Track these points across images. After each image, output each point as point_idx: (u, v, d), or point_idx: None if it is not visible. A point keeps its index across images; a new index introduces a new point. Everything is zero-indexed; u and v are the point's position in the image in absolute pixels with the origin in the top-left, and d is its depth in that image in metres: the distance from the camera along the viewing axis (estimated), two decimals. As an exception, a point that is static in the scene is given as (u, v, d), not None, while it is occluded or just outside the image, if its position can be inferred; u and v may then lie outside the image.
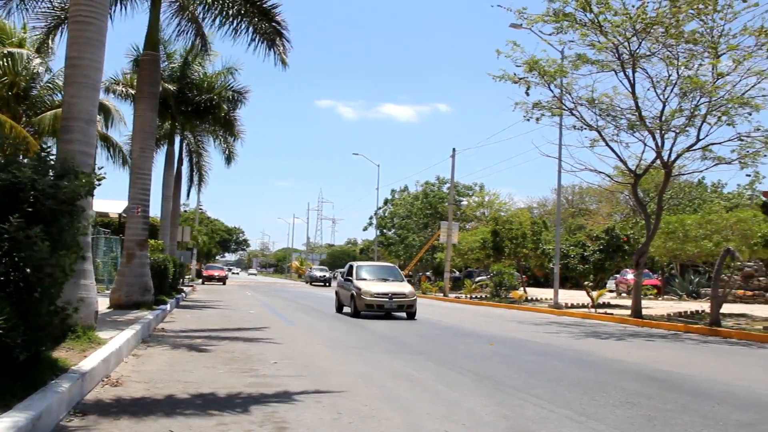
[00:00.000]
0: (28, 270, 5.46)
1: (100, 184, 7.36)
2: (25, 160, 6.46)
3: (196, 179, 36.92)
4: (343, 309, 20.79)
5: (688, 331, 17.21)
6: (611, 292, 37.60)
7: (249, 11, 18.63)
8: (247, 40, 18.91)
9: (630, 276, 34.56)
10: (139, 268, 16.64)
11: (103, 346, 8.34)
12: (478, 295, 35.30)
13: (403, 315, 19.22)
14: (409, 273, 52.03)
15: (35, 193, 5.84)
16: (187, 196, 39.47)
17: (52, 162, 6.49)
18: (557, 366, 10.13)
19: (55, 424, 5.33)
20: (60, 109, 12.54)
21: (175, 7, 20.58)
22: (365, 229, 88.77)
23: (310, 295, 35.37)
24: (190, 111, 28.19)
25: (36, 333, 5.64)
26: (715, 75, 18.02)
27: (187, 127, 32.09)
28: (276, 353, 10.42)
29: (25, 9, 17.75)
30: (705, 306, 22.31)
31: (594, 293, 25.41)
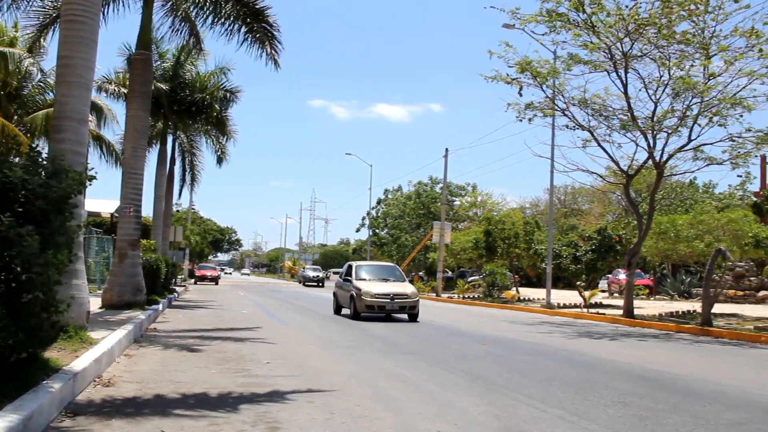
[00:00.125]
0: (19, 270, 5.43)
1: (91, 184, 7.34)
2: (16, 159, 6.42)
3: (188, 179, 36.83)
4: (342, 310, 20.14)
5: (680, 331, 17.28)
6: (603, 292, 37.72)
7: (241, 12, 18.61)
8: (240, 40, 18.95)
9: (622, 276, 34.70)
10: (131, 268, 16.60)
11: (95, 347, 8.31)
12: (471, 295, 35.33)
13: (405, 317, 18.56)
14: (402, 273, 51.91)
15: (26, 192, 5.82)
16: (179, 195, 39.39)
17: (44, 162, 6.46)
18: (550, 366, 10.15)
19: (47, 424, 5.31)
20: (52, 108, 12.49)
21: (168, 6, 20.53)
22: (358, 230, 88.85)
23: (303, 296, 35.34)
24: (182, 110, 28.10)
25: (28, 334, 5.62)
26: (707, 75, 18.09)
27: (180, 127, 31.99)
28: (268, 353, 10.41)
29: (17, 8, 17.68)
30: (696, 306, 22.41)
31: (586, 293, 25.49)
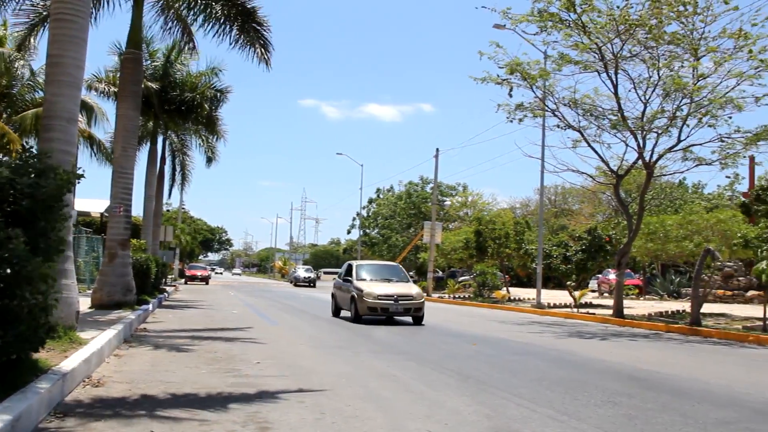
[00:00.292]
0: (8, 271, 5.40)
1: (80, 182, 7.31)
2: (5, 158, 6.39)
3: (179, 178, 36.73)
4: (341, 313, 19.16)
5: (669, 330, 17.36)
6: (593, 292, 37.85)
7: (232, 11, 18.56)
8: (231, 40, 18.88)
9: (612, 276, 34.83)
10: (121, 268, 16.54)
11: (84, 347, 8.28)
12: (461, 295, 35.38)
13: (409, 320, 17.50)
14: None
15: (14, 192, 5.79)
16: (169, 195, 39.27)
17: (36, 163, 6.42)
18: (540, 365, 10.19)
19: (35, 425, 5.29)
20: (41, 107, 12.43)
21: (159, 5, 20.44)
22: (349, 232, 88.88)
23: (294, 296, 35.31)
24: (172, 110, 27.99)
25: (16, 336, 5.58)
26: (697, 76, 18.19)
27: (170, 126, 31.88)
28: (259, 353, 10.40)
29: (5, 7, 17.55)
30: (686, 306, 22.51)
31: (576, 293, 25.57)
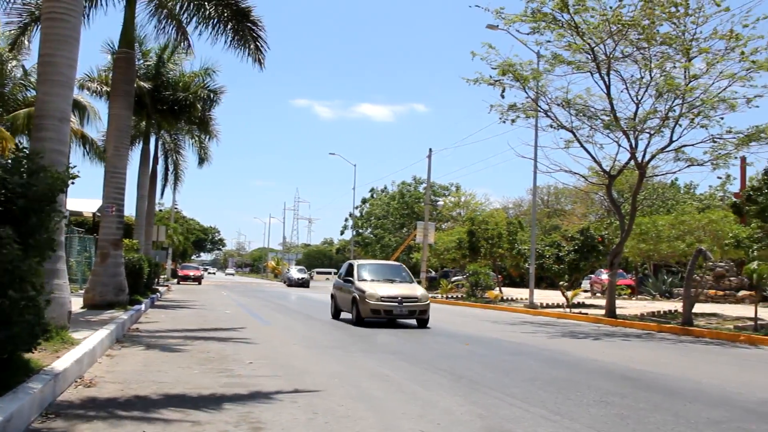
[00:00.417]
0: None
1: (74, 183, 7.28)
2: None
3: (171, 178, 36.66)
4: (341, 314, 18.42)
5: (661, 330, 17.42)
6: (586, 292, 37.96)
7: (225, 11, 18.52)
8: (224, 40, 18.84)
9: (604, 276, 34.91)
10: (113, 268, 16.49)
11: (76, 347, 8.25)
12: (454, 295, 35.42)
13: (413, 322, 16.81)
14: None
15: (5, 191, 5.76)
16: (162, 195, 39.18)
17: (29, 162, 6.39)
18: (532, 365, 10.21)
19: (27, 425, 5.27)
20: (34, 106, 12.38)
21: (152, 5, 20.36)
22: (342, 232, 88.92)
23: (286, 296, 35.28)
24: (165, 110, 27.93)
25: (9, 335, 5.56)
26: (689, 77, 18.27)
27: (163, 126, 31.82)
28: (252, 353, 10.39)
29: None
30: (678, 306, 22.59)
31: (569, 293, 25.62)
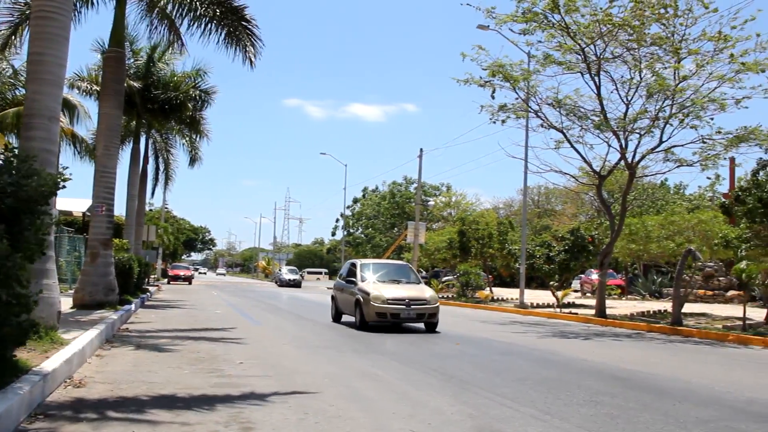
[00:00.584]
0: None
1: (66, 186, 7.23)
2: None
3: (162, 178, 36.54)
4: (343, 317, 17.43)
5: (651, 330, 17.50)
6: (576, 292, 38.06)
7: (218, 10, 18.45)
8: (216, 39, 18.76)
9: (594, 276, 35.02)
10: (103, 268, 16.42)
11: (65, 347, 8.22)
12: (445, 295, 35.44)
13: (421, 326, 15.93)
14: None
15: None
16: (152, 194, 39.03)
17: (19, 163, 6.36)
18: (522, 365, 10.24)
19: (15, 426, 5.24)
20: (23, 105, 12.32)
21: (144, 3, 20.27)
22: (333, 233, 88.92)
23: (278, 296, 35.23)
24: (155, 109, 27.87)
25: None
26: (679, 78, 18.37)
27: (154, 125, 31.73)
28: (242, 353, 10.37)
29: None
30: (667, 306, 22.70)
31: (559, 293, 25.69)
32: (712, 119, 18.57)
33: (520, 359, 11.00)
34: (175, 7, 19.32)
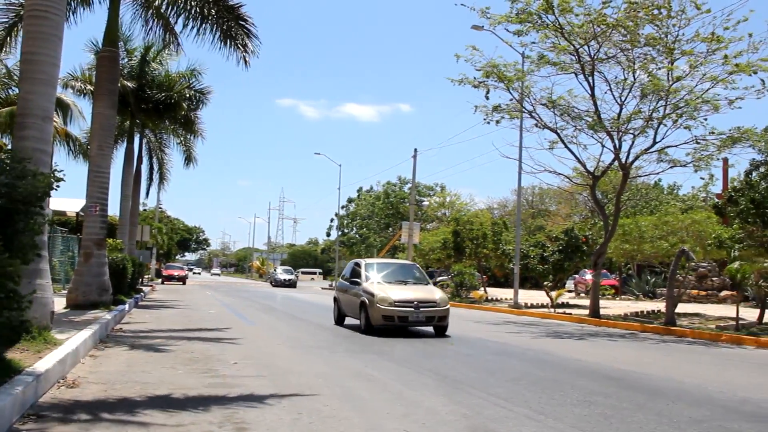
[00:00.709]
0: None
1: (59, 186, 7.21)
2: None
3: (156, 178, 36.53)
4: (346, 320, 16.70)
5: (645, 330, 17.54)
6: (570, 292, 38.09)
7: (213, 8, 18.41)
8: (211, 38, 18.72)
9: (588, 276, 35.01)
10: (96, 268, 16.37)
11: (59, 347, 8.20)
12: (440, 295, 35.38)
13: (430, 330, 15.11)
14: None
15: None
16: (146, 194, 39.04)
17: (9, 162, 6.34)
18: (516, 365, 10.25)
19: (8, 427, 5.23)
20: (16, 105, 12.27)
21: (138, 2, 20.22)
22: (328, 234, 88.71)
23: (272, 296, 35.18)
24: (150, 109, 27.81)
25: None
26: (672, 78, 18.43)
27: (148, 125, 31.69)
28: (236, 353, 10.36)
29: None
30: (661, 306, 22.75)
31: (553, 293, 25.71)
32: (705, 120, 18.67)
33: (514, 359, 11.02)
34: (170, 6, 19.28)
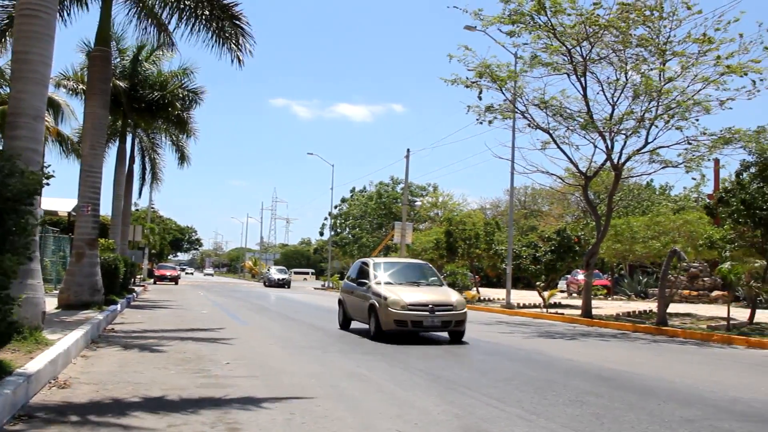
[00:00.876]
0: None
1: (49, 184, 7.19)
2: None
3: (148, 178, 36.38)
4: (352, 323, 15.62)
5: (636, 330, 17.59)
6: (562, 292, 38.18)
7: (207, 7, 18.37)
8: (205, 38, 18.67)
9: (580, 276, 35.05)
10: (88, 268, 16.31)
11: (50, 348, 8.17)
12: (432, 295, 35.39)
13: (445, 336, 13.98)
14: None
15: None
16: (139, 194, 38.83)
17: (2, 162, 6.31)
18: (509, 365, 10.27)
19: None
20: (7, 104, 12.21)
21: (130, 2, 20.14)
22: (321, 233, 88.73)
23: (265, 296, 35.14)
24: (142, 108, 27.72)
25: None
26: (664, 79, 18.49)
27: (140, 125, 31.58)
28: (229, 353, 10.34)
29: None
30: (652, 306, 22.82)
31: (545, 293, 25.77)
32: (697, 120, 18.75)
33: (506, 359, 11.04)
34: (164, 6, 19.21)
